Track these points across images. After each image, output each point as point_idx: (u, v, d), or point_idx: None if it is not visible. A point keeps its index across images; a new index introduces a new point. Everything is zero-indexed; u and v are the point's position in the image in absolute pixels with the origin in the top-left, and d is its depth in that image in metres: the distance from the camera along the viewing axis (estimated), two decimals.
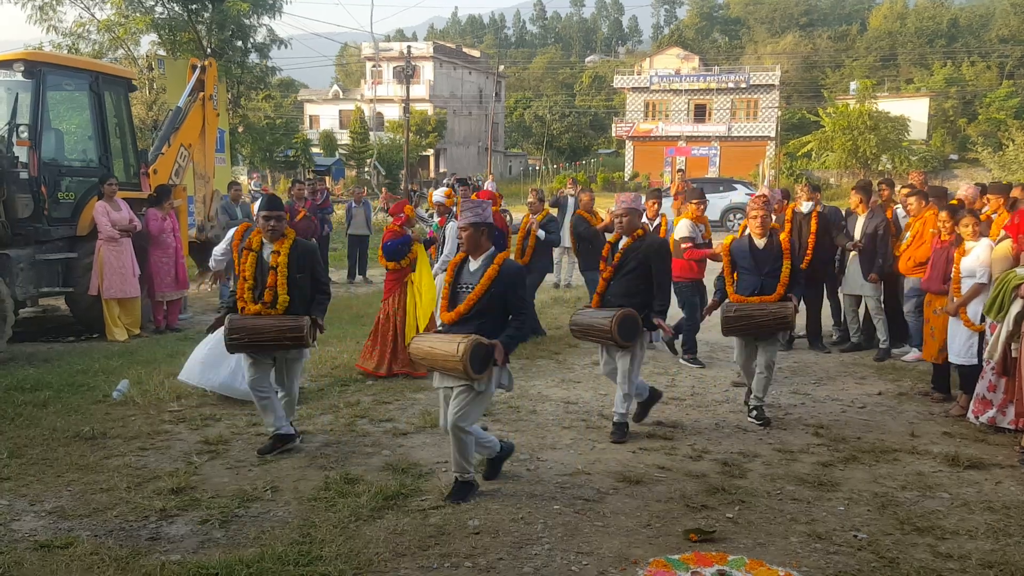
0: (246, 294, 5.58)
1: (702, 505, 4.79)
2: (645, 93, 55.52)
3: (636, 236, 5.94)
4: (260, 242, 5.63)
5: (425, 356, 4.82)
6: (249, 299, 5.57)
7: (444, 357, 4.63)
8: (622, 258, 5.91)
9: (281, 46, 29.28)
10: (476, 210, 4.92)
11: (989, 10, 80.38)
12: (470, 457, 4.83)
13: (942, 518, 4.64)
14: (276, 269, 5.52)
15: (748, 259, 6.39)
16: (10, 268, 8.56)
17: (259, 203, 5.98)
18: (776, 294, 6.28)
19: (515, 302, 4.84)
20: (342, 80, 77.91)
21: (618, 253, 5.95)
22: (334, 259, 16.18)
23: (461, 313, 4.79)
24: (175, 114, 11.73)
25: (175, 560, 4.05)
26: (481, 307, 4.77)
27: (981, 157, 41.10)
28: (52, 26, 25.18)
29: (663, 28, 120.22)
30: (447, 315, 4.87)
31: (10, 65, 9.16)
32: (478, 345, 4.57)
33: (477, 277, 4.83)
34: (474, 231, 4.88)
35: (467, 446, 4.78)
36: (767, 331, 6.29)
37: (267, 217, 5.56)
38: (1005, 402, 6.10)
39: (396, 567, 4.02)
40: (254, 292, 5.57)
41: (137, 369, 7.79)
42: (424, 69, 58.39)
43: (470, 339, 4.56)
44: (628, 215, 5.95)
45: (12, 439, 5.77)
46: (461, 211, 5.02)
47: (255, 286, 5.58)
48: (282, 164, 46.12)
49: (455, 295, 4.92)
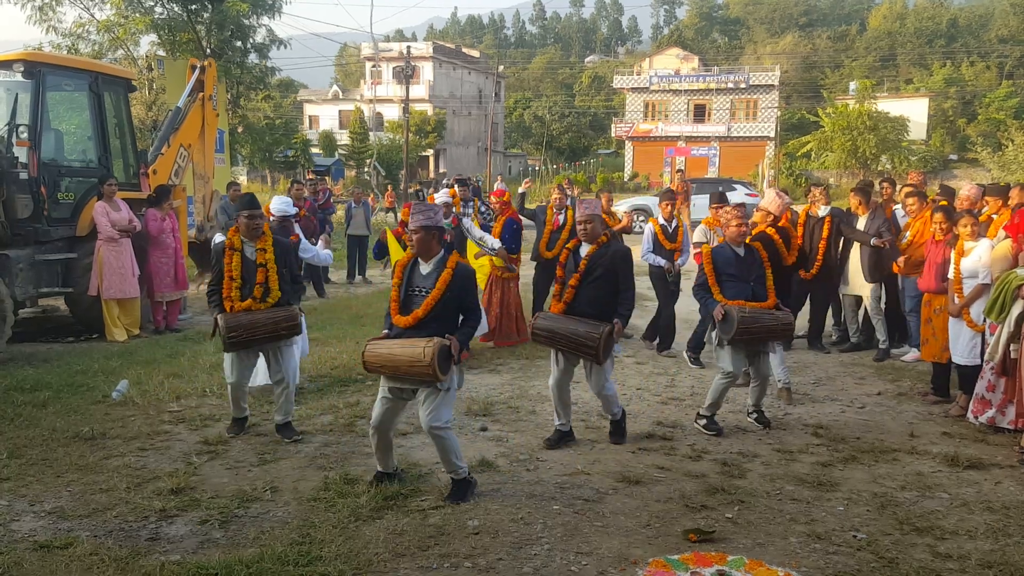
0: (233, 292, 5.83)
1: (701, 505, 4.79)
2: (645, 93, 55.55)
3: (600, 243, 5.71)
4: (240, 241, 5.89)
5: (385, 361, 4.76)
6: (237, 297, 5.83)
7: (410, 362, 4.64)
8: (589, 265, 5.67)
9: (280, 46, 29.26)
10: (428, 213, 4.89)
11: (988, 10, 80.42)
12: (458, 454, 4.84)
13: (941, 518, 4.64)
14: (266, 266, 5.85)
15: (733, 266, 6.25)
16: (10, 268, 8.56)
17: (239, 202, 6.12)
18: (771, 301, 6.23)
19: (468, 303, 4.94)
20: (341, 80, 77.94)
21: (583, 260, 5.69)
22: (334, 259, 16.15)
23: (419, 317, 4.79)
24: (174, 114, 11.72)
25: (175, 560, 4.05)
26: (437, 311, 4.80)
27: (980, 157, 41.12)
28: (52, 26, 25.17)
29: (663, 28, 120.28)
30: (402, 319, 4.84)
31: (10, 65, 9.15)
32: (443, 347, 4.64)
33: (431, 280, 4.83)
34: (425, 234, 4.86)
35: (450, 445, 4.79)
36: (776, 336, 6.25)
37: (252, 216, 5.83)
38: (1004, 402, 6.10)
39: (396, 567, 4.02)
40: (242, 290, 5.84)
41: (136, 369, 7.79)
42: (424, 69, 58.41)
43: (434, 343, 4.60)
44: (593, 221, 5.72)
45: (12, 439, 5.77)
46: (412, 214, 4.95)
47: (243, 284, 5.84)
48: (281, 164, 46.14)
49: (409, 298, 4.90)
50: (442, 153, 59.00)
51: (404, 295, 4.91)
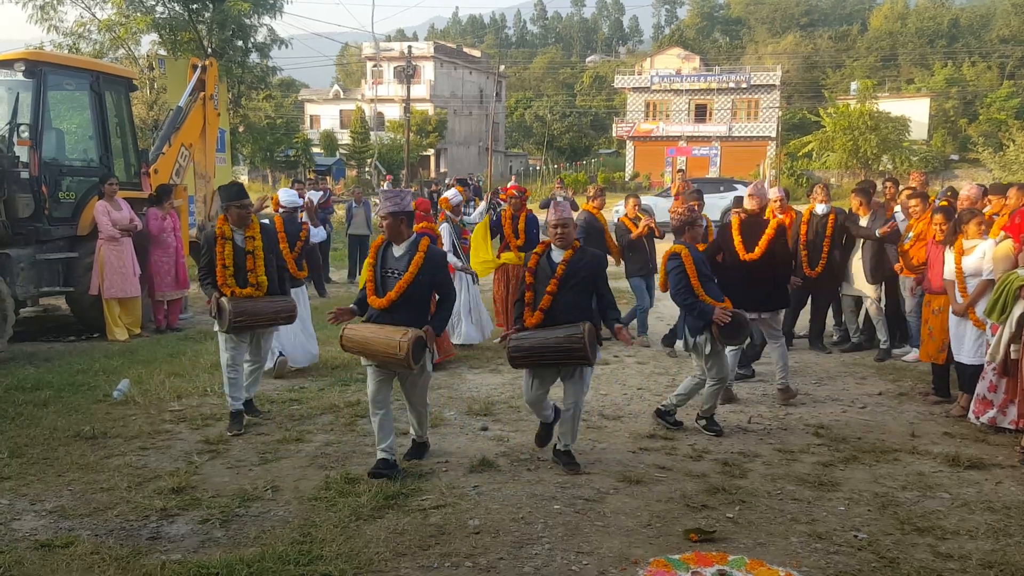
0: (229, 280, 6.03)
1: (702, 505, 4.79)
2: (646, 93, 55.54)
3: (575, 247, 5.41)
4: (231, 230, 6.09)
5: (361, 347, 5.06)
6: (234, 284, 6.05)
7: (385, 352, 4.93)
8: (567, 270, 5.34)
9: (282, 46, 29.30)
10: (395, 199, 5.14)
11: (990, 10, 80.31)
12: (426, 424, 5.59)
13: (942, 518, 4.64)
14: (254, 253, 6.11)
15: (707, 267, 6.20)
16: (11, 268, 8.57)
17: (227, 193, 6.31)
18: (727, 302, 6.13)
19: (442, 285, 5.18)
20: (343, 80, 77.92)
21: (560, 265, 5.32)
22: (334, 259, 16.19)
23: (392, 299, 5.04)
24: (176, 114, 11.73)
25: (176, 559, 4.05)
26: (409, 293, 5.05)
27: (982, 158, 41.08)
28: (53, 26, 25.22)
29: (664, 28, 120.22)
30: (377, 300, 5.10)
31: (11, 65, 9.16)
32: (419, 340, 4.91)
33: (404, 263, 5.08)
34: (393, 220, 5.09)
35: (425, 414, 5.53)
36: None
37: (243, 206, 6.09)
38: (1006, 402, 6.10)
39: (396, 567, 4.02)
40: (237, 278, 6.06)
41: (137, 369, 7.80)
42: (425, 69, 58.42)
43: (410, 336, 4.85)
44: (568, 225, 5.41)
45: (13, 438, 5.77)
46: (380, 201, 5.24)
47: (236, 272, 6.06)
48: (283, 164, 46.15)
49: (383, 280, 5.14)
50: (443, 153, 59.00)
51: (379, 276, 5.15)
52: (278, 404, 6.80)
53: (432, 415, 6.34)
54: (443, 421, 6.36)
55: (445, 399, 7.00)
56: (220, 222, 6.14)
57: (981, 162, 42.05)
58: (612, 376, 7.83)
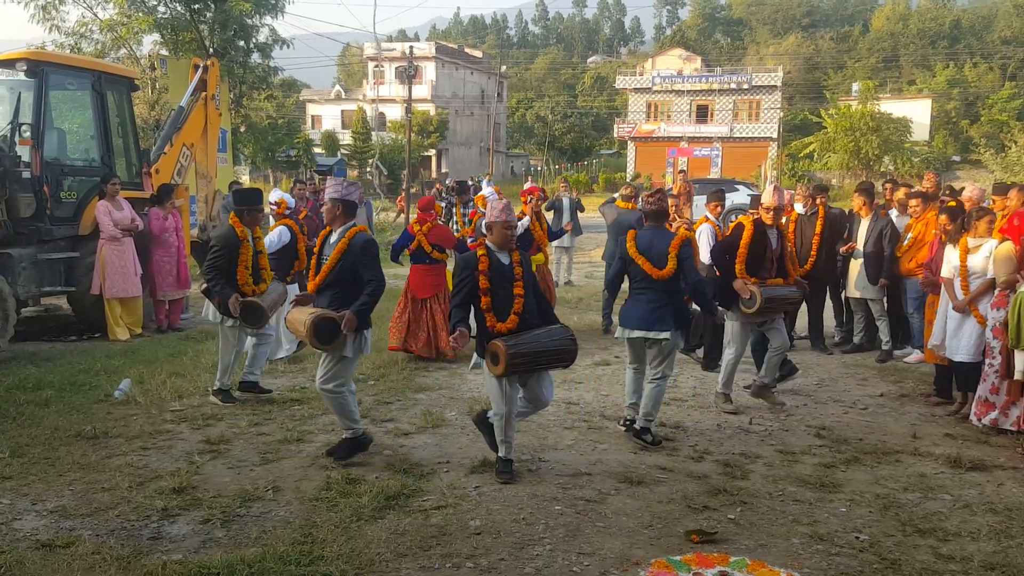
0: (248, 279, 6.44)
1: (704, 506, 4.79)
2: (647, 94, 55.50)
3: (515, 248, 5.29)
4: (245, 232, 6.46)
5: (290, 325, 5.41)
6: (251, 282, 6.47)
7: (295, 331, 5.31)
8: (525, 271, 5.21)
9: (283, 46, 29.26)
10: (339, 187, 5.41)
11: (992, 11, 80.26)
12: (348, 414, 5.35)
13: (944, 520, 4.63)
14: (262, 252, 6.67)
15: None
16: (12, 267, 8.56)
17: (245, 197, 6.70)
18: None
19: (365, 272, 5.24)
20: (344, 80, 77.90)
21: (517, 268, 5.19)
22: None
23: (317, 284, 5.32)
24: (177, 114, 11.74)
25: (177, 559, 4.05)
26: (333, 278, 5.26)
27: (983, 159, 41.07)
28: (55, 25, 25.18)
29: (665, 29, 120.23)
30: (310, 284, 5.40)
31: (13, 64, 9.16)
32: (319, 319, 5.05)
33: (333, 248, 5.33)
34: (331, 205, 5.36)
35: (341, 405, 5.32)
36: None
37: (255, 210, 6.52)
38: (1008, 404, 6.10)
39: (397, 567, 4.02)
40: (254, 276, 6.50)
41: (139, 368, 7.80)
42: (426, 69, 58.41)
43: (314, 315, 5.07)
44: (511, 229, 5.25)
45: (14, 438, 5.77)
46: (327, 187, 5.50)
47: (253, 271, 6.50)
48: (284, 164, 46.11)
49: (319, 265, 5.39)
50: (444, 153, 59.00)
51: (317, 262, 5.41)
52: (279, 404, 6.80)
53: (433, 416, 6.40)
54: (444, 422, 6.36)
55: (446, 399, 7.00)
56: (239, 227, 6.44)
57: (983, 163, 42.03)
58: (612, 376, 7.83)
